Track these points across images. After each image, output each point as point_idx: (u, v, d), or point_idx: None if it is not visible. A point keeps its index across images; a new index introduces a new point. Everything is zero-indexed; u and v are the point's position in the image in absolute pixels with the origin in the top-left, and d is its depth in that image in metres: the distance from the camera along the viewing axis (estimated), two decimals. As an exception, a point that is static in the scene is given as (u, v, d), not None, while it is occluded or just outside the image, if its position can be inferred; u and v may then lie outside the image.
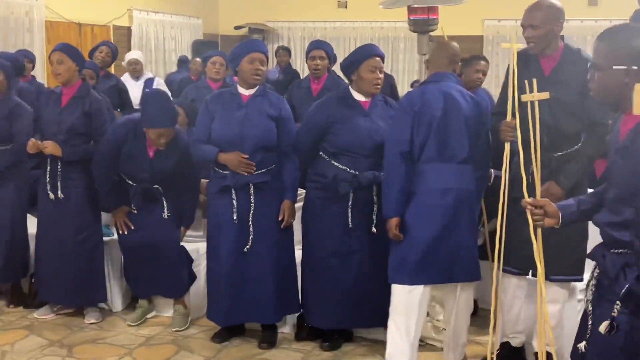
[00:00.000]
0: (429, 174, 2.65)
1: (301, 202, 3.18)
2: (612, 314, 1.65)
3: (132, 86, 5.38)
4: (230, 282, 3.07)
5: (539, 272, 2.23)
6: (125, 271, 3.50)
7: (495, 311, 2.57)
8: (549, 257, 2.38)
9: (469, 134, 2.68)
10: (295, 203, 3.14)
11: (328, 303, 3.04)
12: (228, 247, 3.06)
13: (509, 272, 2.68)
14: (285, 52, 7.25)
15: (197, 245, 3.56)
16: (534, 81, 2.42)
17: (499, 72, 8.33)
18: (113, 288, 3.60)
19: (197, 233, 3.60)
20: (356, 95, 3.01)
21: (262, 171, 3.04)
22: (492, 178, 3.02)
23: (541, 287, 2.25)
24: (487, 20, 8.92)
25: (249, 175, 3.02)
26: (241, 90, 3.11)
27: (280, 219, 3.08)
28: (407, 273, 2.66)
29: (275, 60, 7.29)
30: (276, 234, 3.09)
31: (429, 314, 3.00)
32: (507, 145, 2.58)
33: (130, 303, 3.65)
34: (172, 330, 3.37)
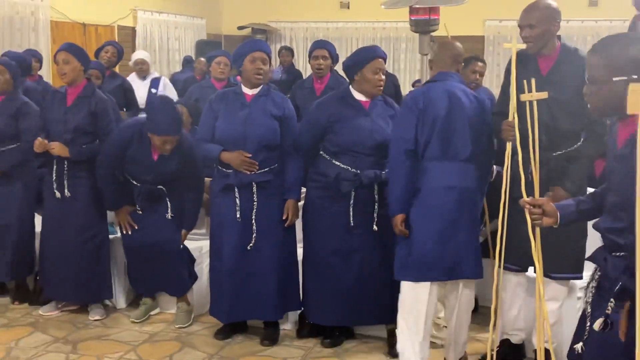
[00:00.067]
0: (433, 172, 2.68)
1: (302, 200, 3.21)
2: (606, 312, 1.68)
3: (139, 86, 5.40)
4: (232, 280, 3.10)
5: (538, 270, 2.24)
6: (128, 270, 3.53)
7: (495, 309, 2.59)
8: (549, 255, 2.39)
9: (472, 133, 2.70)
10: (299, 202, 3.16)
11: (329, 300, 3.06)
12: (231, 245, 3.08)
13: (508, 269, 2.70)
14: (288, 52, 7.29)
15: (200, 244, 3.59)
16: (532, 81, 2.44)
17: (499, 72, 8.35)
18: (117, 286, 3.63)
19: (200, 231, 3.63)
20: (357, 95, 3.03)
21: (264, 170, 3.07)
22: (495, 174, 3.05)
23: (540, 285, 2.27)
24: (488, 20, 8.95)
25: (252, 174, 3.04)
26: (245, 90, 3.13)
27: (284, 217, 3.11)
28: (412, 270, 2.69)
29: (278, 61, 7.33)
30: (279, 232, 3.12)
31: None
32: (508, 145, 2.59)
33: (134, 300, 3.68)
34: (176, 327, 3.40)
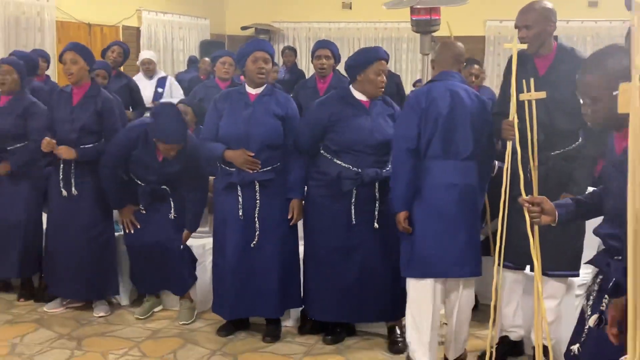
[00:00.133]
0: (434, 171, 2.72)
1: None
2: (601, 308, 1.70)
3: (146, 85, 5.42)
4: (235, 277, 3.13)
5: (536, 268, 2.26)
6: (130, 269, 3.55)
7: (495, 306, 2.62)
8: (547, 252, 2.41)
9: (474, 132, 2.73)
10: (302, 201, 3.18)
11: (330, 297, 3.09)
12: (233, 242, 3.11)
13: (506, 267, 2.72)
14: (291, 52, 7.32)
15: (204, 241, 3.62)
16: (531, 81, 2.47)
17: (500, 72, 8.33)
18: (121, 283, 3.65)
19: (203, 229, 3.65)
20: (357, 94, 3.05)
21: (267, 169, 3.10)
22: (496, 169, 3.07)
23: (538, 283, 2.29)
24: (489, 20, 8.97)
25: (254, 172, 3.07)
26: (249, 90, 3.16)
27: (289, 217, 3.14)
28: (415, 266, 2.74)
29: (282, 60, 7.36)
30: (280, 230, 3.14)
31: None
32: (508, 144, 2.62)
33: (138, 297, 3.71)
34: (179, 323, 3.42)
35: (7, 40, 6.02)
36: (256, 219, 3.10)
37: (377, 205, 3.02)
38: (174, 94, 5.53)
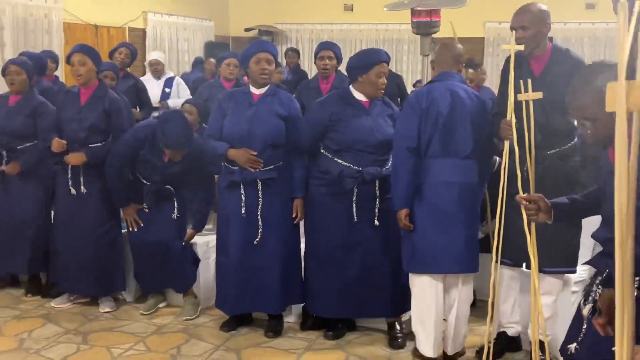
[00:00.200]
0: (434, 169, 2.77)
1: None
2: (595, 298, 1.74)
3: (153, 85, 5.45)
4: (238, 274, 3.17)
5: (533, 265, 2.28)
6: (134, 267, 3.59)
7: (492, 302, 2.66)
8: (543, 249, 2.43)
9: (473, 131, 2.78)
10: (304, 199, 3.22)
11: (332, 294, 3.13)
12: (236, 240, 3.16)
13: (503, 264, 2.76)
14: (294, 53, 7.37)
15: (207, 239, 3.66)
16: (528, 81, 2.51)
17: (499, 73, 8.40)
18: (126, 279, 3.70)
19: (207, 226, 3.69)
20: (357, 95, 3.09)
21: (269, 168, 3.14)
22: (497, 165, 3.11)
23: (535, 280, 2.33)
24: (488, 22, 9.00)
25: (257, 171, 3.12)
26: (252, 90, 3.21)
27: (293, 216, 3.19)
28: (417, 262, 2.80)
29: (285, 61, 7.42)
30: (283, 228, 3.19)
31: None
32: (506, 144, 2.66)
33: (143, 293, 3.75)
34: (183, 319, 3.46)
35: (16, 41, 6.08)
36: (259, 217, 3.14)
37: (377, 203, 3.06)
38: (181, 94, 5.57)
